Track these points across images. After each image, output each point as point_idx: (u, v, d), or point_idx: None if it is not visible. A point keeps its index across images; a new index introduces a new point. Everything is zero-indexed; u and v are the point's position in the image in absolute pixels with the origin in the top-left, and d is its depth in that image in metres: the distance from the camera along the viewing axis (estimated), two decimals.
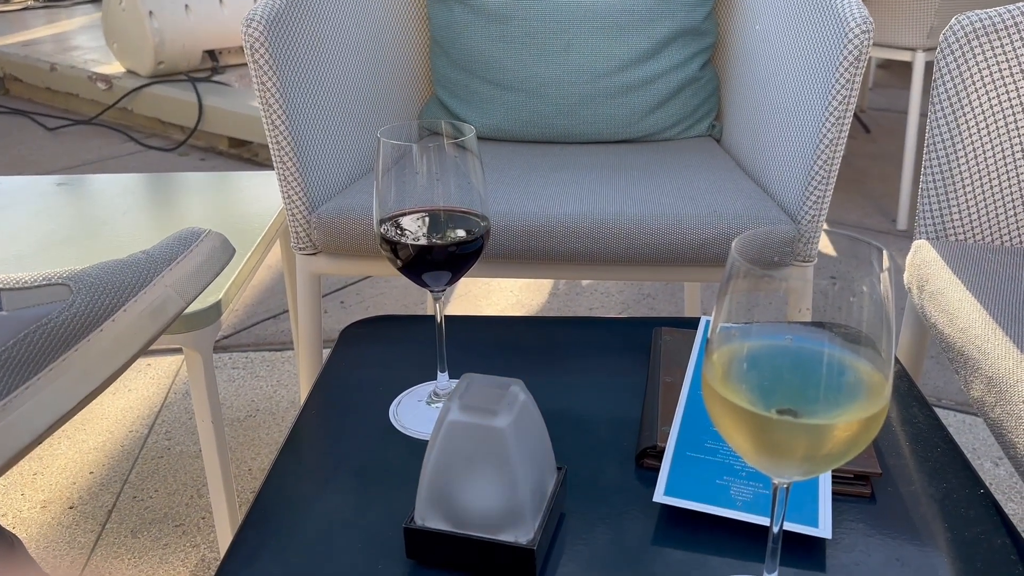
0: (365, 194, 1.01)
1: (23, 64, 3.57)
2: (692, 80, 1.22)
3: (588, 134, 1.25)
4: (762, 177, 1.05)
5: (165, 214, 1.19)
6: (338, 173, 1.06)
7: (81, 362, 0.60)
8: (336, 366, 0.84)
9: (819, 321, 0.45)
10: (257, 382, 1.60)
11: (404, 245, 0.68)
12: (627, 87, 1.21)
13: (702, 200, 0.98)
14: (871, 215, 2.39)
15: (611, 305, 1.89)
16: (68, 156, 2.92)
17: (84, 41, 3.97)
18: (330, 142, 1.05)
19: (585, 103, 1.22)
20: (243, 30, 0.92)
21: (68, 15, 4.78)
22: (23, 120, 3.34)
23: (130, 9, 3.00)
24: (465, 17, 1.25)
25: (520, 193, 1.01)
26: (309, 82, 1.01)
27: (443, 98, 1.31)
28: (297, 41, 0.99)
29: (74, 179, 1.37)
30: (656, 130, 1.24)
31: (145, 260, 0.66)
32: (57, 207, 1.24)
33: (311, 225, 0.99)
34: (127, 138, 3.09)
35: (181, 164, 2.86)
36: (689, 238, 0.94)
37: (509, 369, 0.81)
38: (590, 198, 0.98)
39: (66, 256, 1.04)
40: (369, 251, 0.99)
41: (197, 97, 2.92)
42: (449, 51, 1.28)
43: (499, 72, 1.25)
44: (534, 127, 1.26)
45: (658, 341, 0.80)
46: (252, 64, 0.93)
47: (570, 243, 0.95)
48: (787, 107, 0.99)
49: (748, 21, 1.17)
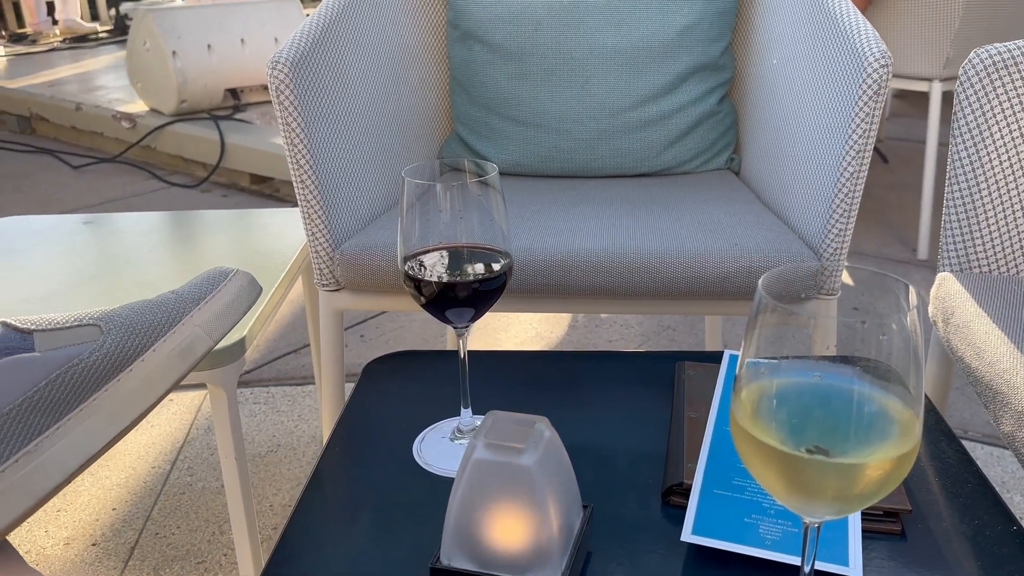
0: (387, 231, 1.02)
1: (49, 104, 3.65)
2: (710, 114, 1.23)
3: (607, 168, 1.25)
4: (783, 210, 1.05)
5: (190, 251, 1.20)
6: (361, 210, 1.07)
7: (111, 402, 0.61)
8: (359, 402, 0.84)
9: (846, 355, 0.45)
10: (278, 417, 1.60)
11: (427, 282, 0.68)
12: (645, 122, 1.22)
13: (723, 234, 0.98)
14: (891, 244, 2.38)
15: (631, 337, 1.89)
16: (92, 194, 2.97)
17: (108, 81, 4.05)
18: (353, 179, 1.06)
19: (604, 138, 1.23)
20: (268, 72, 0.94)
21: (92, 55, 4.88)
22: (48, 159, 3.40)
23: (154, 49, 3.07)
24: (484, 56, 1.27)
25: (541, 228, 1.02)
26: (332, 121, 1.03)
27: (463, 135, 1.33)
28: (320, 82, 1.01)
29: (100, 217, 1.40)
30: (675, 164, 1.24)
31: (174, 300, 0.67)
32: (84, 245, 1.26)
33: (334, 262, 1.00)
34: (150, 175, 3.14)
35: (204, 201, 2.90)
36: (711, 272, 0.94)
37: (532, 405, 0.81)
38: (611, 232, 0.99)
39: (93, 294, 1.06)
40: (391, 287, 1.00)
41: (219, 135, 2.97)
42: (469, 89, 1.30)
43: (518, 109, 1.26)
44: (553, 162, 1.27)
45: (681, 376, 0.80)
46: (277, 105, 0.94)
47: (591, 278, 0.96)
48: (806, 140, 1.00)
49: (765, 56, 1.18)
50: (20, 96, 3.81)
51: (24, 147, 3.56)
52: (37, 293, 1.07)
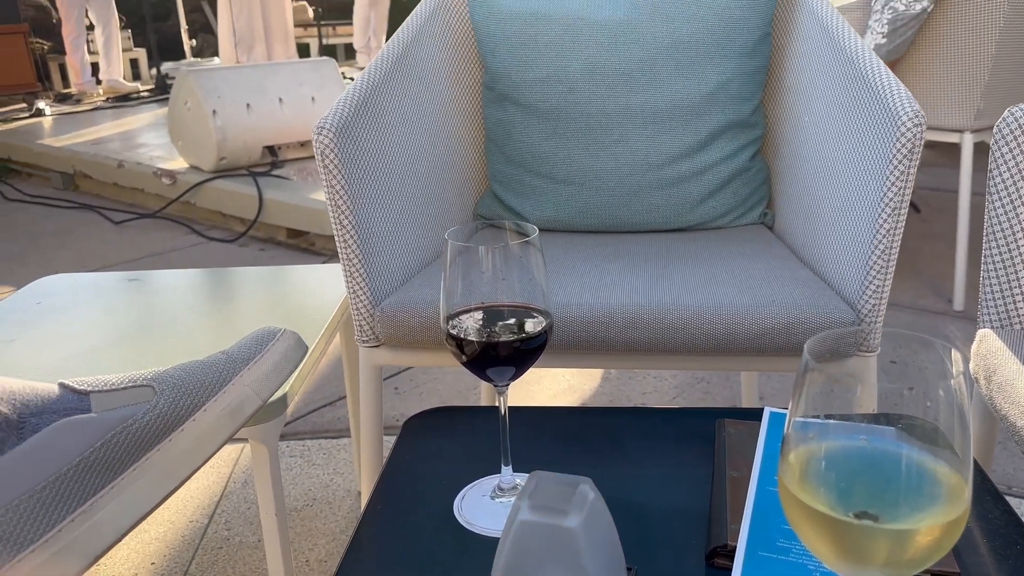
0: (426, 288, 1.04)
1: (92, 161, 3.76)
2: (742, 170, 1.25)
3: (640, 223, 1.27)
4: (819, 265, 1.05)
5: (232, 308, 1.23)
6: (400, 267, 1.09)
7: (163, 462, 0.62)
8: (399, 459, 0.85)
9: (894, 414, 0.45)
10: (314, 470, 1.61)
11: (469, 342, 0.70)
12: (678, 178, 1.23)
13: (759, 289, 0.98)
14: (926, 295, 2.36)
15: (664, 390, 1.88)
16: (134, 248, 3.04)
17: (149, 138, 4.18)
18: (392, 237, 1.09)
19: (637, 194, 1.25)
20: (314, 137, 0.97)
21: (134, 113, 5.04)
22: (91, 214, 3.50)
23: (195, 109, 3.16)
24: (518, 116, 1.29)
25: (577, 284, 1.03)
26: (373, 182, 1.05)
27: (498, 191, 1.35)
28: (363, 145, 1.04)
29: (145, 275, 1.43)
30: (708, 219, 1.26)
31: (225, 360, 0.68)
32: (129, 302, 1.29)
33: (375, 319, 1.02)
34: (190, 230, 3.21)
35: (242, 255, 2.96)
36: (749, 328, 0.94)
37: (572, 462, 0.82)
38: (647, 288, 0.99)
39: (139, 351, 1.08)
40: (430, 343, 1.01)
41: (258, 191, 3.04)
42: (503, 147, 1.33)
43: (552, 166, 1.28)
44: (587, 217, 1.28)
45: (722, 433, 0.80)
46: (322, 168, 0.97)
47: (628, 334, 0.96)
48: (840, 197, 1.01)
49: (796, 113, 1.20)
50: (65, 154, 3.93)
51: (68, 203, 3.67)
52: (84, 350, 1.10)
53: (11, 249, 3.12)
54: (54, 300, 1.33)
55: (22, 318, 1.26)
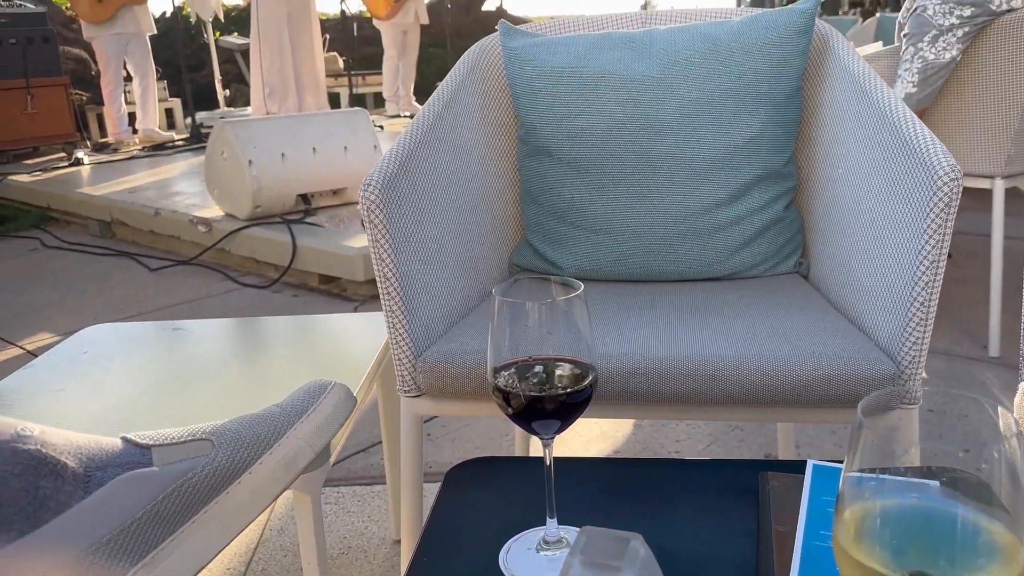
0: (467, 338, 1.06)
1: (130, 209, 3.85)
2: (777, 220, 1.26)
3: (675, 273, 1.28)
4: (856, 316, 1.06)
5: (273, 357, 1.26)
6: (440, 317, 1.11)
7: (221, 514, 0.64)
8: (443, 509, 0.86)
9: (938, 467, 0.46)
10: (349, 518, 1.62)
11: (516, 395, 0.71)
12: (713, 228, 1.25)
13: (798, 340, 0.99)
14: (960, 342, 2.34)
15: (698, 437, 1.87)
16: (169, 295, 3.10)
17: (185, 187, 4.27)
18: (432, 288, 1.11)
19: (671, 244, 1.27)
20: (360, 194, 1.00)
21: (169, 162, 5.16)
22: (128, 261, 3.57)
23: (231, 159, 3.24)
24: (553, 168, 1.32)
25: (615, 335, 1.04)
26: (414, 234, 1.08)
27: (533, 241, 1.37)
28: (405, 199, 1.07)
29: (189, 324, 1.47)
30: (742, 268, 1.27)
31: (279, 414, 0.70)
32: (174, 351, 1.32)
33: (417, 369, 1.04)
34: (224, 276, 3.27)
35: (275, 301, 3.00)
36: (789, 380, 0.95)
37: (616, 514, 0.82)
38: (685, 339, 1.01)
39: (184, 399, 1.11)
40: (471, 393, 1.03)
41: (291, 238, 3.09)
42: (539, 198, 1.35)
43: (586, 216, 1.30)
44: (621, 267, 1.30)
45: (766, 487, 0.80)
46: (368, 223, 1.00)
47: (668, 385, 0.97)
48: (877, 249, 1.02)
49: (829, 164, 1.21)
50: (103, 202, 4.03)
51: (105, 250, 3.75)
52: (131, 399, 1.13)
53: (50, 295, 3.19)
54: (100, 349, 1.37)
55: (70, 367, 1.29)
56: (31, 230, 4.27)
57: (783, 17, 1.24)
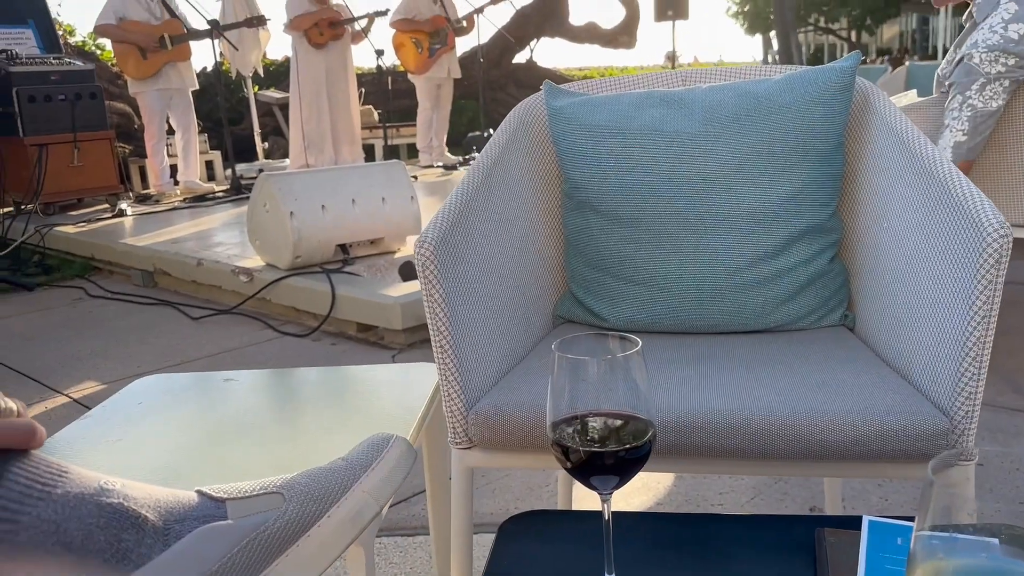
0: (518, 391, 1.07)
1: (173, 260, 3.94)
2: (822, 273, 1.27)
3: (720, 325, 1.29)
4: (907, 371, 1.06)
5: (323, 407, 1.28)
6: (489, 368, 1.13)
7: (291, 567, 0.66)
8: (498, 564, 0.87)
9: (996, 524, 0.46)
10: (391, 569, 1.62)
11: (575, 450, 0.72)
12: (758, 281, 1.26)
13: (850, 395, 0.99)
14: (1005, 393, 2.31)
15: (741, 490, 1.86)
16: (211, 344, 3.15)
17: (225, 237, 4.37)
18: (482, 340, 1.13)
19: (716, 296, 1.28)
20: (416, 250, 1.03)
21: (209, 213, 5.28)
22: (170, 311, 3.65)
23: (273, 211, 3.32)
24: (598, 222, 1.35)
25: (663, 388, 1.05)
26: (466, 288, 1.11)
27: (577, 293, 1.39)
28: (457, 253, 1.09)
29: (239, 374, 1.50)
30: (789, 321, 1.27)
31: (344, 467, 0.72)
32: (226, 401, 1.35)
33: (468, 422, 1.06)
34: (265, 325, 3.33)
35: (314, 349, 3.04)
36: (843, 435, 0.95)
37: (674, 571, 0.82)
38: (735, 393, 1.01)
39: (238, 450, 1.13)
40: (523, 445, 1.04)
41: (331, 287, 3.14)
42: (583, 251, 1.37)
43: (630, 269, 1.32)
44: (666, 319, 1.31)
45: (822, 544, 0.80)
46: (422, 278, 1.03)
47: (721, 439, 0.98)
48: (927, 303, 1.02)
49: (873, 218, 1.23)
50: (146, 253, 4.13)
51: (148, 300, 3.83)
52: (187, 449, 1.15)
53: (94, 345, 3.26)
54: (153, 400, 1.40)
55: (126, 417, 1.32)
56: (76, 280, 4.37)
57: (824, 75, 1.27)
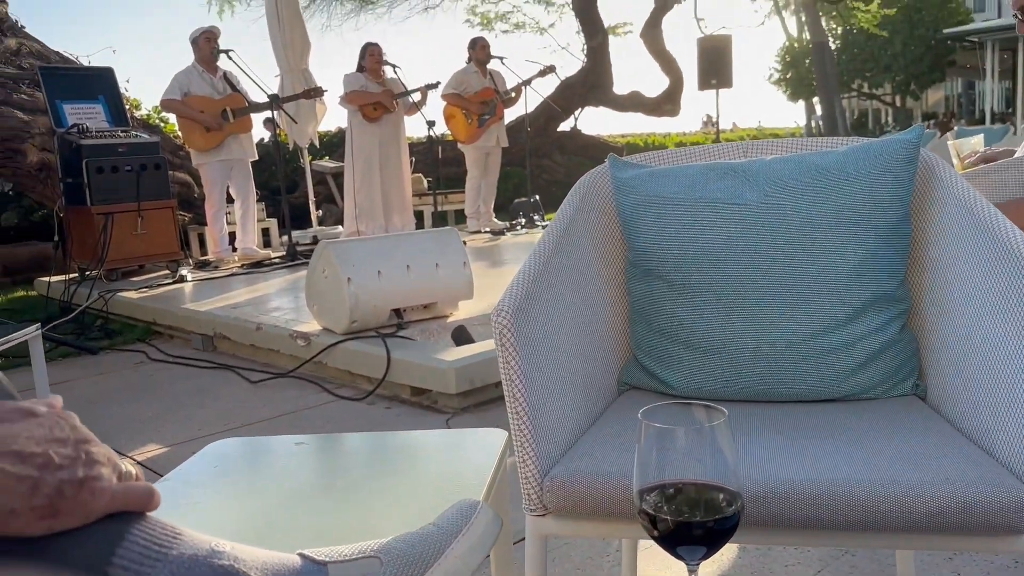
0: (593, 458, 1.09)
1: (232, 324, 4.04)
2: (892, 343, 1.27)
3: (789, 394, 1.29)
4: (984, 440, 1.05)
5: (393, 472, 1.30)
6: (562, 435, 1.15)
7: None
8: None
9: None
10: None
11: (663, 519, 0.73)
12: (826, 350, 1.27)
13: (927, 465, 0.99)
14: None
15: (808, 562, 1.82)
16: (269, 407, 3.21)
17: (282, 302, 4.47)
18: (555, 406, 1.15)
19: (783, 366, 1.28)
20: (493, 319, 1.06)
21: (265, 279, 5.42)
22: (229, 374, 3.72)
23: (331, 276, 3.41)
24: (663, 290, 1.37)
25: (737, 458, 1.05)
26: (540, 356, 1.13)
27: (642, 360, 1.41)
28: (531, 321, 1.12)
29: (309, 439, 1.53)
30: (859, 390, 1.27)
31: (436, 533, 0.74)
32: (299, 465, 1.38)
33: (543, 489, 1.07)
34: (320, 389, 3.38)
35: (369, 412, 3.08)
36: (923, 507, 0.94)
37: None
38: (812, 463, 1.01)
39: (317, 514, 1.15)
40: (598, 513, 1.05)
41: (386, 351, 3.19)
42: (648, 318, 1.39)
43: (697, 337, 1.34)
44: (734, 388, 1.32)
45: None
46: (499, 347, 1.06)
47: (799, 510, 0.98)
48: (1001, 373, 1.02)
49: (943, 287, 1.23)
50: (206, 317, 4.24)
51: (207, 364, 3.92)
52: (267, 513, 1.18)
53: (155, 408, 3.33)
54: (229, 464, 1.43)
55: (203, 480, 1.36)
56: (137, 344, 4.50)
57: (888, 147, 1.29)
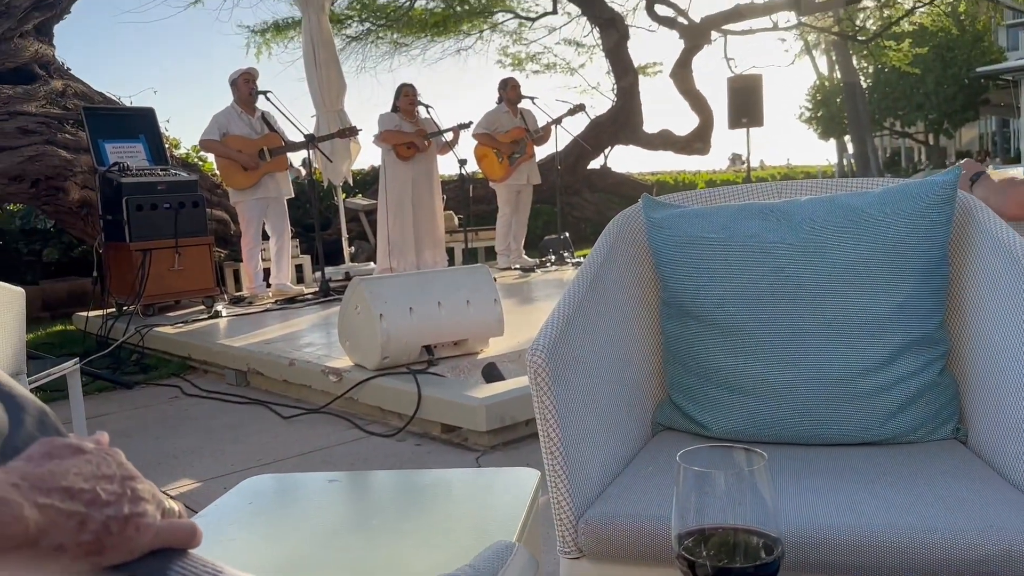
0: (628, 500, 1.08)
1: (266, 360, 4.08)
2: (931, 385, 1.25)
3: (827, 437, 1.28)
4: None
5: (425, 510, 1.30)
6: (595, 477, 1.14)
7: None
8: None
9: None
10: None
11: (703, 564, 0.73)
12: (864, 393, 1.25)
13: (970, 512, 0.97)
14: None
15: None
16: (301, 443, 3.22)
17: (314, 338, 4.51)
18: (588, 447, 1.14)
19: (821, 407, 1.27)
20: (528, 358, 1.07)
21: (298, 315, 5.47)
22: (262, 409, 3.75)
23: (364, 313, 3.43)
24: (698, 331, 1.36)
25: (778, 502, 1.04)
26: (572, 396, 1.13)
27: (677, 401, 1.40)
28: (565, 360, 1.13)
29: (342, 476, 1.54)
30: (898, 433, 1.25)
31: (472, 575, 0.74)
32: (332, 503, 1.38)
33: (578, 531, 1.06)
34: (351, 425, 3.39)
35: (400, 449, 3.08)
36: (967, 554, 0.92)
37: None
38: (852, 508, 1.00)
39: (350, 552, 1.16)
40: (634, 556, 1.04)
41: (417, 388, 3.20)
42: (683, 359, 1.39)
43: (732, 378, 1.33)
44: (771, 430, 1.30)
45: None
46: (534, 385, 1.06)
47: (838, 556, 0.96)
48: None
49: (983, 329, 1.21)
50: (240, 353, 4.29)
51: (240, 399, 3.95)
52: (301, 549, 1.18)
53: (188, 442, 3.36)
54: (263, 501, 1.44)
55: (238, 518, 1.37)
56: (172, 378, 4.55)
57: (924, 188, 1.29)
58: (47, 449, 0.62)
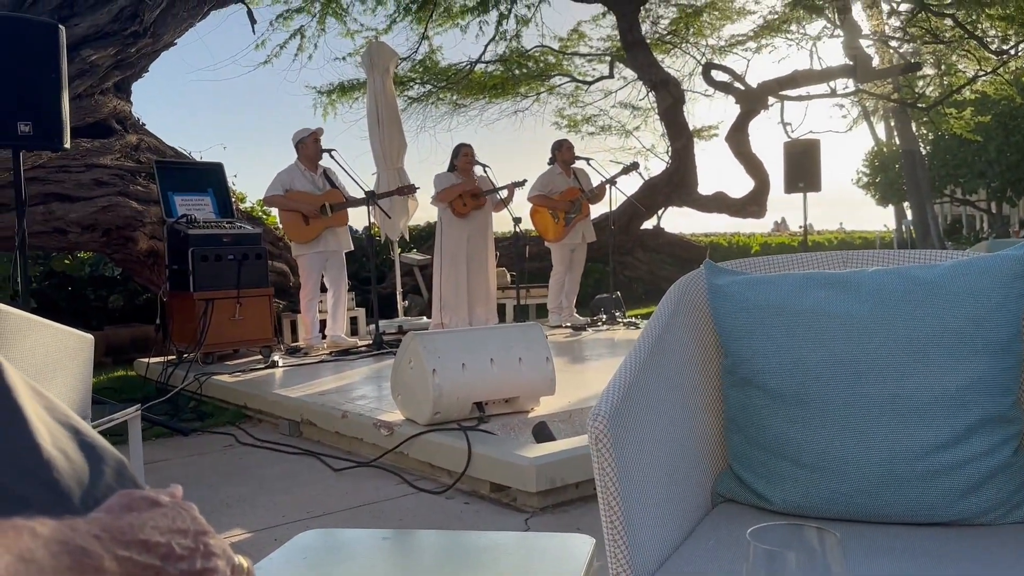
0: (688, 572, 1.05)
1: (319, 411, 4.12)
2: (1005, 466, 1.21)
3: (895, 516, 1.24)
4: None
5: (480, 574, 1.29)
6: (654, 548, 1.12)
7: None
8: None
9: None
10: None
11: None
12: (934, 471, 1.21)
13: None
14: None
15: None
16: (351, 496, 3.23)
17: (366, 391, 4.54)
18: (649, 517, 1.13)
19: (888, 484, 1.23)
20: (590, 424, 1.07)
21: (351, 367, 5.52)
22: (313, 461, 3.77)
23: (417, 367, 3.46)
24: (761, 400, 1.35)
25: None
26: (632, 463, 1.12)
27: (739, 472, 1.37)
28: (627, 428, 1.12)
29: (396, 534, 1.54)
30: (971, 515, 1.21)
31: None
32: (385, 561, 1.38)
33: None
34: (400, 479, 3.38)
35: (449, 507, 3.06)
36: None
37: None
38: None
39: None
40: None
41: (467, 445, 3.19)
42: (745, 429, 1.37)
43: (796, 450, 1.30)
44: (836, 506, 1.27)
45: None
46: (595, 452, 1.06)
47: None
48: None
49: None
50: (295, 403, 4.34)
51: (293, 449, 3.98)
52: None
53: (241, 491, 3.39)
54: (317, 556, 1.45)
55: (291, 572, 1.37)
56: (227, 427, 4.61)
57: (995, 262, 1.26)
58: (126, 501, 0.64)
